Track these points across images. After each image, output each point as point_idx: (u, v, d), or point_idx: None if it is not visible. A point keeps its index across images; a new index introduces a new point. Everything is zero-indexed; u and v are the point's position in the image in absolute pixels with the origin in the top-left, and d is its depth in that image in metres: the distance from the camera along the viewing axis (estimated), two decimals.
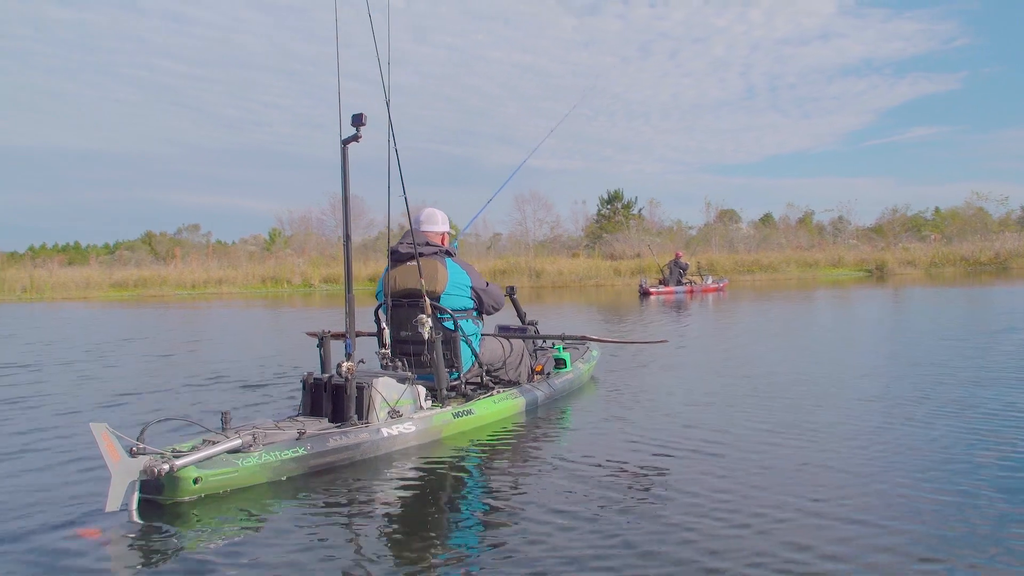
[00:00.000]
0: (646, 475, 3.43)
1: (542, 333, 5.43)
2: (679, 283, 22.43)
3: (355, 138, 4.07)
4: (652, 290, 21.08)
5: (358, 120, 4.01)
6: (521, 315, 5.68)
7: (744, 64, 73.82)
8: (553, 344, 5.63)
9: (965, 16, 74.12)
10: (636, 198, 48.00)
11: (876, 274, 31.55)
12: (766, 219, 52.29)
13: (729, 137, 75.43)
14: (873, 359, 6.94)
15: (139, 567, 2.54)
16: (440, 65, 71.48)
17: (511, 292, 5.67)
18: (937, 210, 51.36)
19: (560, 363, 5.51)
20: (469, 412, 4.35)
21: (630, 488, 3.24)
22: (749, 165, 75.19)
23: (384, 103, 4.30)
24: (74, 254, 46.08)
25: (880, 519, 2.76)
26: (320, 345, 4.49)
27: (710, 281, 23.25)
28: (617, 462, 3.67)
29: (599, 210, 48.27)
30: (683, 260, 23.55)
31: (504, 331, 5.40)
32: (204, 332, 12.42)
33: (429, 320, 4.20)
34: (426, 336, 4.20)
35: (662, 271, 23.25)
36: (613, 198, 48.44)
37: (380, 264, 31.51)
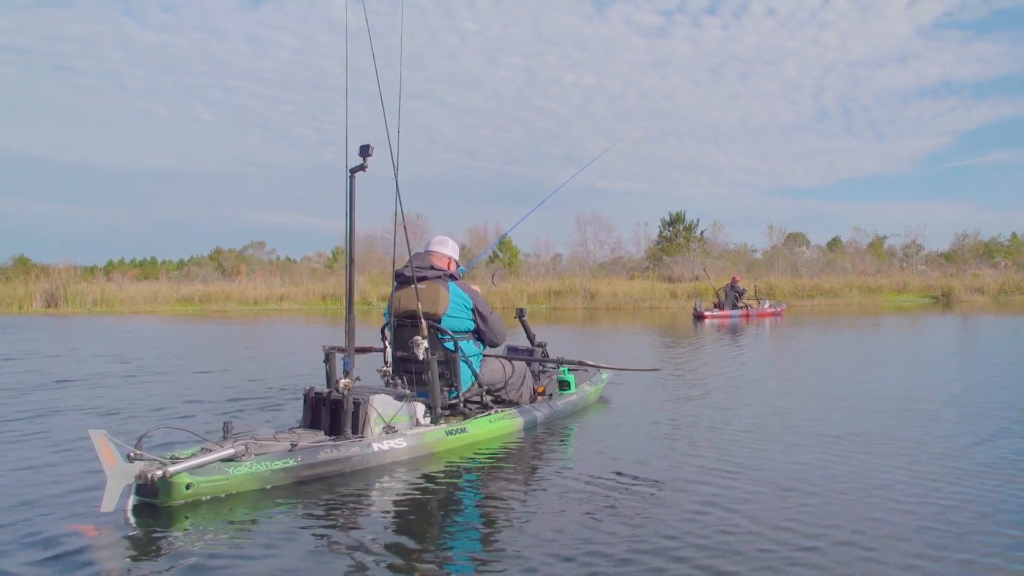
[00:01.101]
0: (634, 496, 3.53)
1: (548, 356, 5.59)
2: (735, 307, 22.21)
3: (362, 167, 4.31)
4: (707, 314, 20.91)
5: (365, 151, 4.25)
6: (531, 336, 5.84)
7: (817, 86, 72.46)
8: (558, 366, 5.76)
9: None
10: (698, 220, 47.58)
11: (942, 301, 30.67)
12: (834, 243, 51.31)
13: (800, 160, 74.18)
14: (901, 394, 6.85)
15: (129, 562, 2.76)
16: (515, 87, 72.23)
17: (521, 315, 5.84)
18: (1014, 235, 49.59)
19: (564, 385, 5.63)
20: (463, 430, 4.52)
21: (616, 507, 3.34)
22: (821, 188, 73.87)
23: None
24: (149, 269, 47.95)
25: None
26: (326, 360, 4.71)
27: (767, 306, 22.95)
28: (607, 482, 3.77)
29: (660, 232, 48.02)
30: (740, 284, 23.32)
31: (512, 352, 5.56)
32: (252, 346, 12.87)
33: (424, 341, 4.40)
34: (421, 356, 4.40)
35: (718, 295, 23.06)
36: (675, 220, 48.10)
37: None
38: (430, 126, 70.92)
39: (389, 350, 4.73)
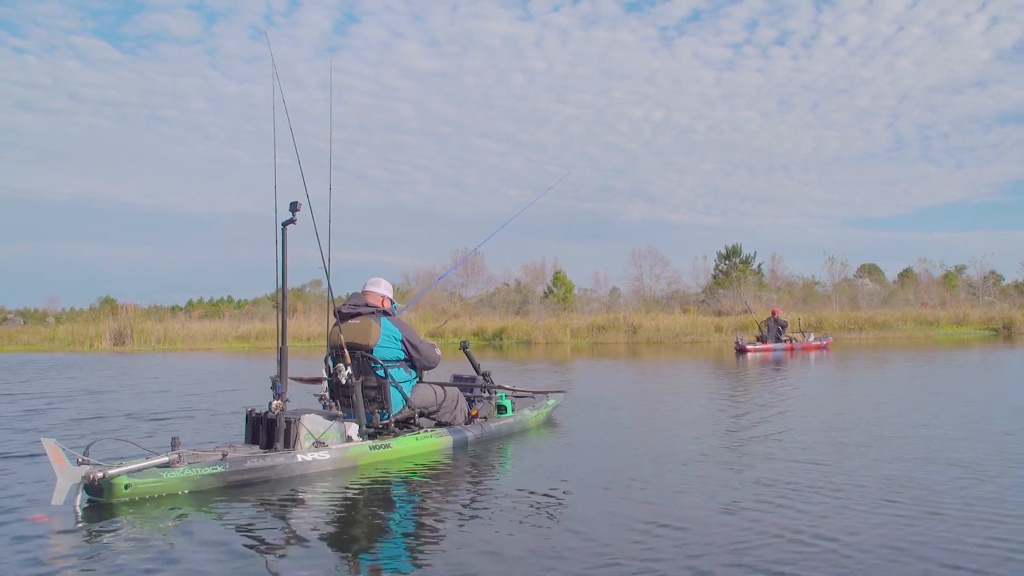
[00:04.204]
0: (547, 509, 3.98)
1: (490, 384, 6.22)
2: (778, 340, 22.23)
3: (292, 221, 5.06)
4: (749, 347, 20.95)
5: (294, 207, 5.01)
6: (475, 366, 6.46)
7: (892, 114, 70.27)
8: (495, 392, 6.34)
9: None
10: (755, 253, 47.49)
11: (1003, 333, 29.89)
12: (905, 274, 50.33)
13: (876, 189, 72.39)
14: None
15: (68, 540, 3.52)
16: (583, 124, 73.04)
17: (465, 347, 6.49)
18: None
19: (502, 409, 6.23)
20: (387, 446, 5.16)
21: (526, 518, 3.79)
22: (898, 218, 72.08)
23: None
24: (225, 308, 50.24)
25: None
26: (273, 386, 5.43)
27: (812, 339, 22.91)
28: (524, 496, 4.25)
29: (716, 265, 48.05)
30: (781, 317, 23.35)
31: (456, 379, 6.22)
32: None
33: (347, 368, 5.09)
34: (343, 382, 5.09)
35: (760, 328, 23.12)
36: (731, 253, 48.12)
37: (486, 319, 32.81)
38: (499, 164, 72.35)
39: (325, 377, 5.43)
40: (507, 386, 5.81)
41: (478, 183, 72.16)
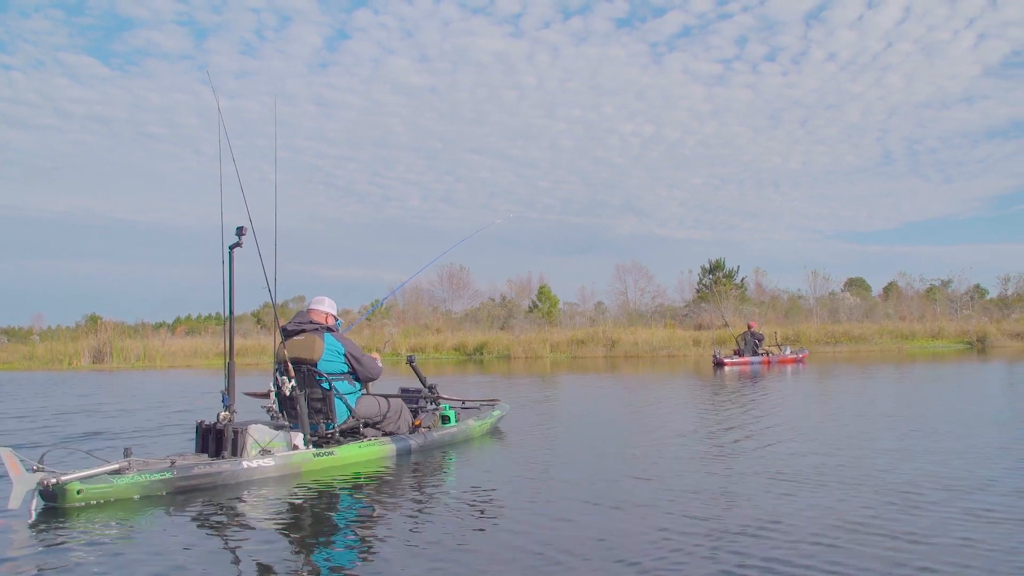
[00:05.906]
0: (479, 509, 4.34)
1: (435, 395, 6.59)
2: (755, 353, 22.62)
3: (238, 244, 5.43)
4: (726, 360, 21.33)
5: (240, 231, 5.38)
6: (422, 379, 6.82)
7: (881, 129, 70.63)
8: (439, 403, 6.71)
9: None
10: (738, 267, 48.04)
11: (977, 346, 30.38)
12: (890, 288, 50.95)
13: (865, 204, 73.03)
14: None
15: (26, 543, 3.82)
16: (573, 139, 73.36)
17: (411, 361, 6.86)
18: None
19: (446, 419, 6.59)
20: (330, 453, 5.51)
21: (460, 520, 4.12)
22: (887, 232, 72.69)
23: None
24: (210, 324, 50.34)
25: None
26: (222, 399, 5.76)
27: (788, 352, 23.31)
28: (459, 499, 4.62)
29: (700, 279, 48.56)
30: (757, 331, 23.77)
31: (403, 391, 6.59)
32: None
33: (291, 381, 5.45)
34: (287, 394, 5.45)
35: (737, 342, 23.51)
36: (714, 267, 48.67)
37: (468, 334, 33.10)
38: (490, 179, 72.53)
39: (272, 391, 5.78)
40: (446, 396, 6.18)
41: (469, 198, 72.25)
